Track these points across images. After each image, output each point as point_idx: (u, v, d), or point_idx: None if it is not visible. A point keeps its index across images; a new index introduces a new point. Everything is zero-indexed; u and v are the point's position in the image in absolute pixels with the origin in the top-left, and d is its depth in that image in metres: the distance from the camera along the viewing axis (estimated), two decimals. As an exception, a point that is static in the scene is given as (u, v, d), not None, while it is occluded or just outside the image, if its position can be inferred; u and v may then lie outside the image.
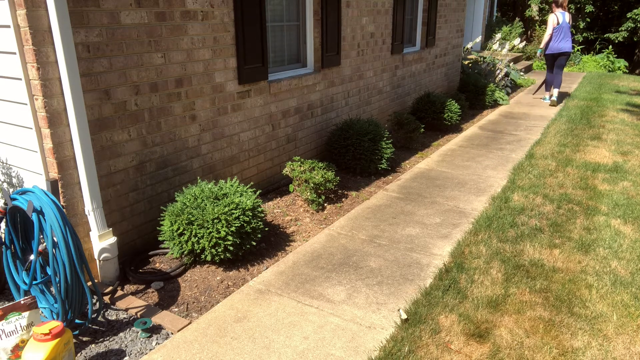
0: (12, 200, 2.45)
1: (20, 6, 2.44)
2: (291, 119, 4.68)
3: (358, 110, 5.85)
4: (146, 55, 3.12)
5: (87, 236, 2.94)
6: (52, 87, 2.62)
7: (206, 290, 2.98)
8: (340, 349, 2.44)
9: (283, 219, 4.00)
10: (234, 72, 3.87)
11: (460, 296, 2.87)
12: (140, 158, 3.23)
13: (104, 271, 2.97)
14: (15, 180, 3.05)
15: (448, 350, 2.43)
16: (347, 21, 5.25)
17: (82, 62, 2.74)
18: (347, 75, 5.48)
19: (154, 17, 3.13)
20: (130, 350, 2.44)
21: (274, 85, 4.31)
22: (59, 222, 2.31)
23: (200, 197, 3.21)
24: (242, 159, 4.16)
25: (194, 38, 3.46)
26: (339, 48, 5.15)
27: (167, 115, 3.37)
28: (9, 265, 2.56)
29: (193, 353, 2.40)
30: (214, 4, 3.57)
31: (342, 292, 2.95)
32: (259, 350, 2.43)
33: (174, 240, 3.14)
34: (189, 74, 3.47)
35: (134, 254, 3.31)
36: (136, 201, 3.26)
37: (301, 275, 3.13)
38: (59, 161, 2.73)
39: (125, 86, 3.03)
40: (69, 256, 2.32)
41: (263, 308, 2.78)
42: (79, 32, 2.71)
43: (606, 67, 14.97)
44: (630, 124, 7.33)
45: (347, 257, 3.37)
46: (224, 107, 3.85)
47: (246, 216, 3.14)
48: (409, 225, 3.89)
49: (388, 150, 5.00)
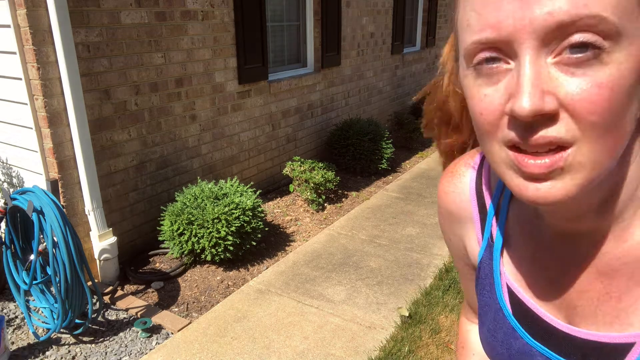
0: (12, 200, 2.45)
1: (21, 6, 2.44)
2: (291, 118, 4.68)
3: (358, 110, 5.85)
4: (146, 55, 3.12)
5: (87, 236, 2.94)
6: (52, 87, 2.62)
7: (206, 290, 2.98)
8: (340, 349, 2.44)
9: (283, 219, 4.00)
10: (234, 72, 3.87)
11: (461, 296, 2.87)
12: (140, 158, 3.23)
13: (104, 271, 2.97)
14: (15, 180, 3.05)
15: (448, 350, 2.43)
16: (347, 21, 5.25)
17: (82, 62, 2.74)
18: (347, 75, 5.48)
19: (154, 17, 3.13)
20: (130, 350, 2.44)
21: (274, 85, 4.31)
22: (59, 222, 2.31)
23: (200, 197, 3.21)
24: (242, 158, 4.16)
25: (194, 38, 3.46)
26: (339, 48, 5.15)
27: (167, 115, 3.37)
28: (9, 265, 2.56)
29: (193, 353, 2.40)
30: (214, 4, 3.57)
31: (342, 292, 2.95)
32: (259, 350, 2.43)
33: (174, 240, 3.14)
34: (189, 74, 3.47)
35: (134, 253, 3.30)
36: (136, 201, 3.26)
37: (301, 275, 3.13)
38: (59, 161, 2.73)
39: (126, 86, 3.03)
40: (69, 256, 2.32)
41: (263, 308, 2.77)
42: (79, 32, 2.71)
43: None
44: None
45: (347, 257, 3.37)
46: (224, 107, 3.85)
47: (246, 216, 3.14)
48: (409, 225, 3.89)
49: (388, 150, 5.00)
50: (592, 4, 0.36)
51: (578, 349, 0.55)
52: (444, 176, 0.70)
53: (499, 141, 0.43)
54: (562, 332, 0.57)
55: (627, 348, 0.51)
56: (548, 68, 0.39)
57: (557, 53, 0.38)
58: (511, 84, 0.40)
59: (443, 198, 0.70)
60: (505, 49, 0.40)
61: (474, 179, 0.65)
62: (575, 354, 0.55)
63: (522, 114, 0.38)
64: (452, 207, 0.68)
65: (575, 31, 0.37)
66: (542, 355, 0.58)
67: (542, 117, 0.39)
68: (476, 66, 0.43)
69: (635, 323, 0.51)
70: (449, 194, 0.68)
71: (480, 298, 0.66)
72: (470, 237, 0.67)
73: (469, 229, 0.67)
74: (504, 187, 0.61)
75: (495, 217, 0.63)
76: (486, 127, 0.43)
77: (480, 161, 0.65)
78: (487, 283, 0.64)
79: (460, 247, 0.71)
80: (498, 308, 0.63)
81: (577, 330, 0.55)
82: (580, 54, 0.37)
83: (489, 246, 0.63)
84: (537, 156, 0.41)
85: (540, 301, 0.59)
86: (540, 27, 0.37)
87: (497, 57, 0.41)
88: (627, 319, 0.51)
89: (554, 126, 0.39)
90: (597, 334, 0.53)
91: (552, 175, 0.41)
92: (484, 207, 0.64)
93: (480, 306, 0.67)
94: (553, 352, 0.57)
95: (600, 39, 0.37)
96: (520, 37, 0.39)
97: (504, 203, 0.62)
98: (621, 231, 0.50)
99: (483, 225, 0.64)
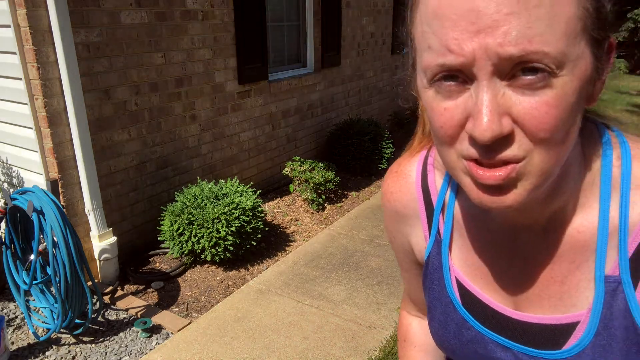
0: (12, 200, 2.45)
1: (21, 6, 2.44)
2: (291, 118, 4.68)
3: (358, 110, 5.85)
4: (146, 55, 3.12)
5: (87, 236, 2.94)
6: (52, 87, 2.62)
7: (206, 290, 2.98)
8: (340, 349, 2.44)
9: (283, 219, 4.00)
10: (234, 72, 3.87)
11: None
12: (140, 158, 3.23)
13: (104, 271, 2.97)
14: (15, 180, 3.05)
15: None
16: (347, 21, 5.24)
17: (82, 62, 2.74)
18: (347, 75, 5.48)
19: (154, 17, 3.13)
20: (130, 350, 2.44)
21: (274, 85, 4.31)
22: (59, 222, 2.31)
23: (200, 197, 3.21)
24: (242, 158, 4.16)
25: (194, 38, 3.46)
26: (339, 48, 5.15)
27: (167, 115, 3.37)
28: (9, 265, 2.56)
29: (193, 353, 2.40)
30: (214, 4, 3.57)
31: (342, 292, 2.95)
32: (259, 350, 2.43)
33: (174, 240, 3.14)
34: (189, 74, 3.47)
35: (134, 253, 3.30)
36: (136, 201, 3.26)
37: (301, 275, 3.13)
38: (59, 161, 2.73)
39: (126, 86, 3.03)
40: (69, 256, 2.32)
41: (263, 308, 2.77)
42: (79, 32, 2.71)
43: (606, 67, 14.96)
44: (631, 124, 7.33)
45: (347, 257, 3.37)
46: (224, 107, 3.85)
47: (246, 216, 3.14)
48: (409, 225, 3.89)
49: (388, 150, 5.00)
50: (535, 41, 0.40)
51: (527, 332, 0.58)
52: (389, 176, 0.73)
53: (458, 153, 0.47)
54: (510, 318, 0.60)
55: (572, 327, 0.55)
56: (503, 90, 0.43)
57: (511, 76, 0.42)
58: (469, 103, 0.44)
59: (389, 197, 0.72)
60: (465, 71, 0.44)
61: (420, 178, 0.68)
62: (524, 338, 0.59)
63: (484, 140, 0.42)
64: (398, 206, 0.71)
65: (525, 61, 0.41)
66: (493, 342, 0.61)
67: (500, 139, 0.43)
68: (436, 82, 0.46)
69: (578, 304, 0.55)
70: (394, 194, 0.71)
71: (430, 293, 0.69)
72: (417, 234, 0.70)
73: (416, 226, 0.70)
74: (450, 184, 0.65)
75: (442, 213, 0.65)
76: (446, 139, 0.47)
77: (424, 160, 0.68)
78: (436, 277, 0.67)
79: (405, 244, 0.74)
80: (448, 301, 0.66)
81: (525, 315, 0.59)
82: (530, 76, 0.42)
83: (437, 241, 0.66)
84: (492, 169, 0.45)
85: (488, 290, 0.62)
86: (494, 56, 0.41)
87: (455, 75, 0.45)
88: (570, 301, 0.55)
89: (510, 147, 0.44)
90: (544, 317, 0.57)
91: (505, 185, 0.45)
92: (430, 204, 0.67)
93: (430, 300, 0.69)
94: (504, 338, 0.60)
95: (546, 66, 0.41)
96: (478, 63, 0.42)
97: (450, 199, 0.65)
98: (562, 221, 0.55)
99: (430, 222, 0.67)
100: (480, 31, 0.41)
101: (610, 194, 0.53)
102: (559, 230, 0.55)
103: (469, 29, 0.42)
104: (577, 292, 0.55)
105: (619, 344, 0.53)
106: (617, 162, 0.53)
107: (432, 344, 0.83)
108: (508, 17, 0.40)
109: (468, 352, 0.65)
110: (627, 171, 0.52)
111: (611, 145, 0.54)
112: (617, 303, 0.52)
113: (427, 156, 0.68)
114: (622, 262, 0.52)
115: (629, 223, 0.51)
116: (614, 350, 0.53)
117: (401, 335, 0.90)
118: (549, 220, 0.55)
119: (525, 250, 0.58)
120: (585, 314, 0.54)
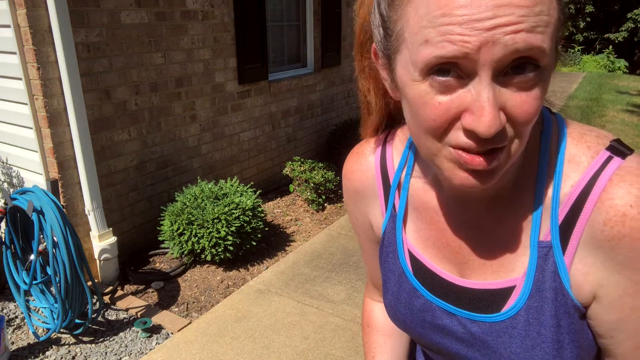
0: (12, 200, 2.45)
1: (21, 6, 2.44)
2: (291, 118, 4.68)
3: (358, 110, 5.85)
4: (146, 55, 3.12)
5: (87, 236, 2.94)
6: (52, 87, 2.62)
7: (206, 290, 2.98)
8: (340, 349, 2.44)
9: (283, 219, 4.00)
10: (234, 72, 3.87)
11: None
12: (140, 158, 3.23)
13: (104, 271, 2.97)
14: (15, 180, 3.05)
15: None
16: (347, 21, 5.25)
17: (82, 62, 2.74)
18: (347, 75, 5.48)
19: (154, 17, 3.13)
20: (130, 350, 2.44)
21: (274, 85, 4.31)
22: (59, 222, 2.31)
23: (200, 197, 3.21)
24: (242, 158, 4.16)
25: (194, 38, 3.46)
26: (339, 48, 5.15)
27: (167, 115, 3.37)
28: (9, 265, 2.56)
29: (193, 353, 2.40)
30: (214, 4, 3.57)
31: (342, 292, 2.95)
32: (259, 350, 2.43)
33: (174, 240, 3.14)
34: (189, 74, 3.47)
35: (134, 253, 3.30)
36: (136, 201, 3.26)
37: (301, 275, 3.13)
38: (59, 161, 2.73)
39: (126, 86, 3.03)
40: (69, 256, 2.32)
41: (263, 308, 2.77)
42: (79, 32, 2.71)
43: (606, 67, 14.97)
44: (631, 124, 7.33)
45: (347, 257, 3.37)
46: (224, 107, 3.85)
47: (246, 216, 3.14)
48: (409, 225, 3.89)
49: (388, 150, 4.99)
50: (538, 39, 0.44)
51: (470, 298, 0.63)
52: (350, 157, 0.77)
53: (445, 142, 0.50)
54: (456, 285, 0.65)
55: (509, 291, 0.60)
56: (499, 86, 0.46)
57: (505, 73, 0.46)
58: (466, 98, 0.47)
59: (349, 177, 0.76)
60: (466, 66, 0.45)
61: (379, 158, 0.73)
62: (468, 304, 0.64)
63: (488, 135, 0.45)
64: (358, 185, 0.75)
65: (524, 56, 0.45)
66: (440, 309, 0.66)
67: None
68: (430, 76, 0.47)
69: (516, 269, 0.60)
70: (355, 172, 0.75)
71: (385, 266, 0.73)
72: (375, 211, 0.75)
73: (374, 204, 0.74)
74: (406, 163, 0.70)
75: (398, 190, 0.70)
76: (435, 131, 0.50)
77: (383, 142, 0.73)
78: (390, 250, 0.72)
79: (366, 224, 0.78)
80: (401, 271, 0.70)
81: (469, 282, 0.64)
82: (522, 74, 0.46)
83: (392, 216, 0.71)
84: (479, 155, 0.49)
85: (437, 260, 0.67)
86: (501, 51, 0.44)
87: (448, 70, 0.46)
88: (510, 266, 0.60)
89: (501, 137, 0.48)
90: (486, 282, 0.62)
91: (489, 169, 0.50)
92: (387, 182, 0.72)
93: (384, 273, 0.74)
94: (450, 305, 0.65)
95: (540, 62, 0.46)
96: (483, 59, 0.44)
97: (405, 177, 0.70)
98: (507, 193, 0.60)
99: (387, 199, 0.72)
100: (486, 26, 0.43)
101: (547, 168, 0.58)
102: (504, 202, 0.60)
103: (476, 26, 0.43)
104: (515, 259, 0.60)
105: (549, 306, 0.57)
106: (554, 138, 0.59)
107: (395, 327, 0.87)
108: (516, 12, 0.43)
109: (418, 321, 0.69)
110: (562, 147, 0.58)
111: (551, 124, 0.60)
112: (548, 266, 0.57)
113: (387, 138, 0.73)
114: (553, 229, 0.56)
115: (561, 194, 0.56)
116: (545, 312, 0.57)
117: (365, 321, 0.94)
118: (500, 193, 0.60)
119: (471, 221, 0.63)
120: (521, 278, 0.59)
